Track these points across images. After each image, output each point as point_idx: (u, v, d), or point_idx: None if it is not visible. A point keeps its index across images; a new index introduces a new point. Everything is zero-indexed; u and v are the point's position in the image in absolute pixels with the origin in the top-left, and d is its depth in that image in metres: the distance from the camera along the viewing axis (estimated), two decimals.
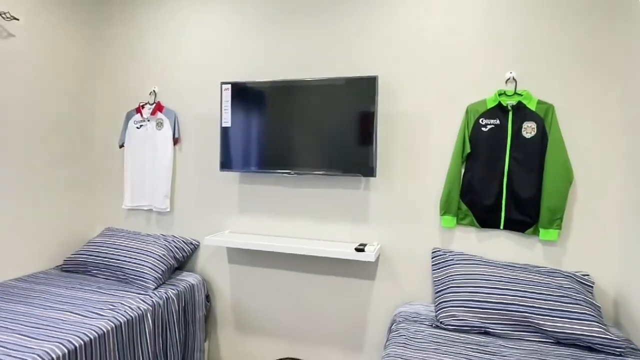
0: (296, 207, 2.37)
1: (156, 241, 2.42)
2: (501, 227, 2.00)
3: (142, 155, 2.63)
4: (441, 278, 1.97)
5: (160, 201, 2.59)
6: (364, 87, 2.09)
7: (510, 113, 1.97)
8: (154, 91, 2.65)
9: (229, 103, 2.33)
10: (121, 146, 2.69)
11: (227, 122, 2.35)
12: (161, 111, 2.59)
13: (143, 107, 2.62)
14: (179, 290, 2.25)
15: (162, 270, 2.26)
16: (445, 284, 1.92)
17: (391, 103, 2.19)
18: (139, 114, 2.63)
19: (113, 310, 1.88)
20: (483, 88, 2.04)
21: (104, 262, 2.33)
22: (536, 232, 1.95)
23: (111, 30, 2.75)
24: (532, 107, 1.94)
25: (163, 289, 2.19)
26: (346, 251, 2.06)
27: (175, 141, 2.58)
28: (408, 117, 2.16)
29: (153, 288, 2.18)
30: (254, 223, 2.45)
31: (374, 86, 2.07)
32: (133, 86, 2.70)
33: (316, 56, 2.31)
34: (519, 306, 1.71)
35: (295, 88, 2.21)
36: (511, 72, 2.00)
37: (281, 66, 2.38)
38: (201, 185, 2.56)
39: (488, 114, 2.00)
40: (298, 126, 2.21)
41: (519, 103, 1.95)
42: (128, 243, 2.40)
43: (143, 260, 2.27)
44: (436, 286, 1.98)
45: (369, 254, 2.02)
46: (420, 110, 2.14)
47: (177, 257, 2.42)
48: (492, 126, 1.99)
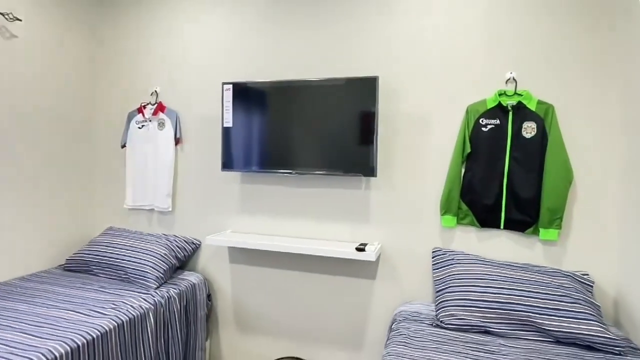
0: (297, 207, 2.38)
1: (158, 241, 2.43)
2: (501, 227, 2.01)
3: (144, 155, 2.64)
4: (441, 277, 1.98)
5: (162, 201, 2.60)
6: (365, 87, 2.09)
7: (510, 113, 1.97)
8: (156, 91, 2.66)
9: (230, 103, 2.34)
10: (123, 146, 2.70)
11: (229, 122, 2.36)
12: (163, 111, 2.60)
13: (145, 108, 2.64)
14: (181, 289, 2.26)
15: (164, 269, 2.28)
16: (445, 283, 1.93)
17: (392, 103, 2.20)
18: (141, 114, 2.64)
19: (115, 309, 1.89)
20: (483, 88, 2.05)
21: (106, 262, 2.34)
22: (536, 232, 1.96)
23: (113, 30, 2.76)
24: (532, 107, 1.95)
25: (165, 288, 2.21)
26: (347, 251, 2.06)
27: (176, 141, 2.60)
28: (408, 117, 2.17)
29: (155, 287, 2.20)
30: (255, 223, 2.46)
31: (375, 86, 2.08)
32: (135, 86, 2.72)
33: (316, 56, 2.32)
34: (519, 305, 1.72)
35: (296, 88, 2.22)
36: (511, 73, 2.01)
37: (282, 66, 2.39)
38: (203, 185, 2.57)
39: (488, 114, 2.01)
40: (299, 126, 2.22)
41: (519, 103, 1.96)
42: (130, 242, 2.41)
43: (145, 259, 2.28)
44: (436, 285, 1.98)
45: (370, 254, 2.02)
46: (420, 110, 2.15)
47: (179, 257, 2.43)
48: (492, 126, 2.00)
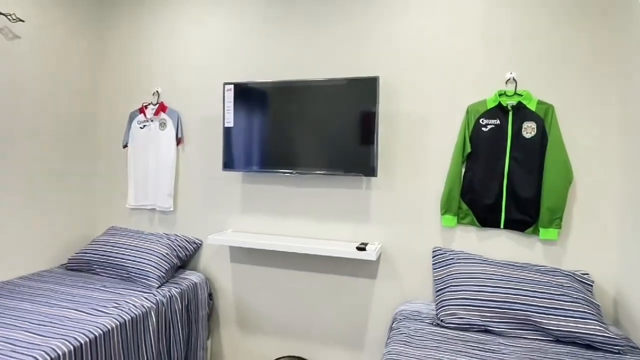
0: (298, 207, 2.39)
1: (159, 240, 2.44)
2: (501, 227, 2.02)
3: (146, 155, 2.65)
4: (442, 277, 1.99)
5: (163, 200, 2.61)
6: (365, 88, 2.10)
7: (510, 113, 1.98)
8: (157, 91, 2.67)
9: (232, 103, 2.35)
10: (125, 146, 2.71)
11: (230, 122, 2.37)
12: (164, 111, 2.61)
13: (146, 108, 2.65)
14: (182, 288, 2.27)
15: (166, 268, 2.29)
16: (445, 283, 1.94)
17: (392, 103, 2.21)
18: (143, 114, 2.65)
19: (117, 308, 1.90)
20: (483, 88, 2.06)
21: (108, 261, 2.35)
22: (536, 232, 1.97)
23: (115, 31, 2.77)
24: (532, 108, 1.95)
25: (166, 288, 2.22)
26: (348, 250, 2.07)
27: (178, 141, 2.61)
28: (409, 117, 2.18)
29: (157, 286, 2.21)
30: (256, 222, 2.47)
31: (375, 86, 2.09)
32: (136, 87, 2.73)
33: (317, 56, 2.33)
34: (519, 305, 1.73)
35: (297, 88, 2.23)
36: (511, 73, 2.01)
37: (282, 66, 2.40)
38: (204, 184, 2.58)
39: (488, 114, 2.02)
40: (300, 126, 2.23)
41: (519, 103, 1.97)
42: (132, 242, 2.42)
43: (147, 259, 2.29)
44: (437, 285, 1.99)
45: (370, 253, 2.03)
46: (421, 110, 2.16)
47: (180, 256, 2.44)
48: (493, 126, 2.01)
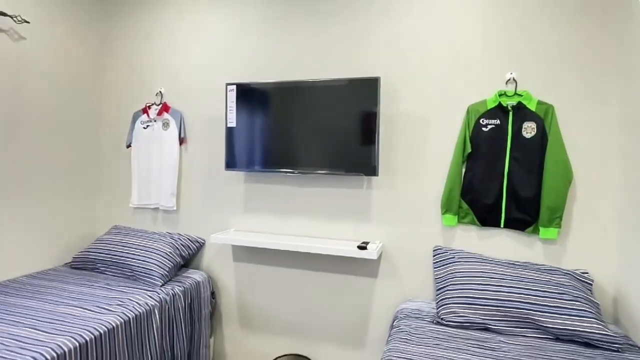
0: (300, 206, 2.41)
1: (163, 239, 2.47)
2: (502, 226, 2.03)
3: (149, 155, 2.68)
4: (442, 275, 2.00)
5: (166, 200, 2.64)
6: (366, 88, 2.12)
7: (510, 113, 1.99)
8: (160, 92, 2.69)
9: (234, 104, 2.37)
10: (128, 146, 2.74)
11: (232, 123, 2.39)
12: (167, 112, 2.64)
13: (150, 108, 2.67)
14: (185, 287, 2.30)
15: (169, 267, 2.31)
16: (446, 281, 1.95)
17: (393, 103, 2.22)
18: (146, 115, 2.68)
19: (121, 306, 1.93)
20: (483, 88, 2.07)
21: (112, 260, 2.38)
22: (536, 231, 1.98)
23: (119, 32, 2.80)
24: (532, 108, 1.97)
25: (170, 286, 2.24)
26: (349, 249, 2.09)
27: (181, 141, 2.63)
28: (410, 117, 2.20)
29: (160, 285, 2.23)
30: (259, 221, 2.49)
31: (376, 87, 2.10)
32: (140, 87, 2.75)
33: (317, 57, 2.35)
34: (519, 303, 1.74)
35: (299, 89, 2.25)
36: (511, 73, 2.03)
37: (283, 66, 2.42)
38: (207, 184, 2.60)
39: (488, 114, 2.03)
40: (302, 126, 2.25)
41: (519, 103, 1.98)
42: (135, 241, 2.45)
43: (150, 257, 2.32)
44: (437, 283, 2.01)
45: (371, 252, 2.05)
46: (421, 110, 2.18)
47: (183, 255, 2.46)
48: (493, 126, 2.02)
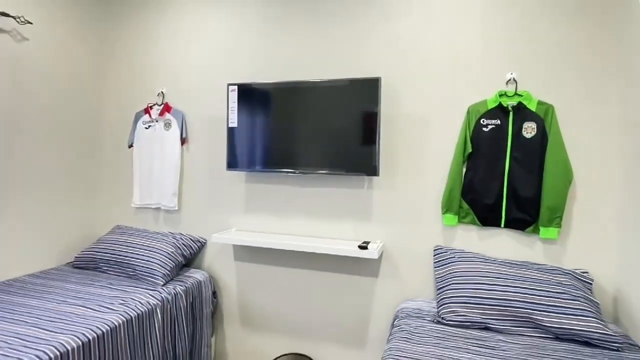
0: (301, 206, 2.42)
1: (164, 239, 2.48)
2: (502, 226, 2.04)
3: (151, 155, 2.69)
4: (443, 275, 2.01)
5: (168, 200, 2.65)
6: (367, 88, 2.13)
7: (510, 113, 2.00)
8: (162, 92, 2.71)
9: (235, 104, 2.39)
10: (130, 146, 2.75)
11: (234, 123, 2.40)
12: (169, 112, 2.65)
13: (151, 108, 2.69)
14: (187, 286, 2.31)
15: (171, 267, 2.32)
16: (446, 281, 1.96)
17: (394, 103, 2.23)
18: (148, 115, 2.69)
19: (124, 305, 1.94)
20: (484, 89, 2.08)
21: (114, 259, 2.39)
22: (536, 231, 1.99)
23: (121, 32, 2.81)
24: (533, 108, 1.97)
25: (171, 285, 2.25)
26: (350, 249, 2.10)
27: (182, 141, 2.64)
28: (410, 118, 2.20)
29: (162, 284, 2.24)
30: (260, 221, 2.51)
31: (377, 87, 2.11)
32: (142, 87, 2.77)
33: (318, 57, 2.36)
34: (519, 302, 1.75)
35: (300, 89, 2.26)
36: (511, 73, 2.03)
37: (283, 67, 2.43)
38: (208, 184, 2.61)
39: (489, 115, 2.04)
40: (302, 126, 2.26)
41: (520, 104, 1.98)
42: (137, 240, 2.46)
43: (152, 257, 2.33)
44: (438, 283, 2.02)
45: (372, 252, 2.06)
46: (422, 110, 2.18)
47: (185, 255, 2.48)
48: (493, 126, 2.03)
